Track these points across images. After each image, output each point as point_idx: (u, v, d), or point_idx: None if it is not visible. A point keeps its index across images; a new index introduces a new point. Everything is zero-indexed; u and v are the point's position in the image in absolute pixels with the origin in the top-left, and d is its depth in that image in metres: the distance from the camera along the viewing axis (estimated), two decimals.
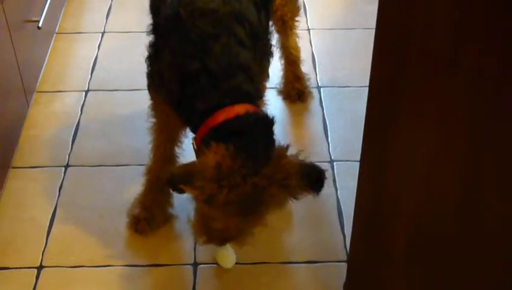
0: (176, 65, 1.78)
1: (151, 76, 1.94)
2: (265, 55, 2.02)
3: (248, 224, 1.70)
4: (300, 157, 1.70)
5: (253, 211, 1.66)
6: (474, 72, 1.23)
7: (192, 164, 1.68)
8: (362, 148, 1.59)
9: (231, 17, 1.79)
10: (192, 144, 1.79)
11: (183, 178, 1.63)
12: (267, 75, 2.17)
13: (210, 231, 1.72)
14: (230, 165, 1.59)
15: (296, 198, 1.68)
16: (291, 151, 1.70)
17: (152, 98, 2.00)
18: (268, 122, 1.74)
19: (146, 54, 1.96)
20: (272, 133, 1.73)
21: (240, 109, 1.69)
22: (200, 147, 1.69)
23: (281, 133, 2.48)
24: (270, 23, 2.18)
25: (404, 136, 1.45)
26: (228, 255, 2.01)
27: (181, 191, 1.66)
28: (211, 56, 1.73)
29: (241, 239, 1.75)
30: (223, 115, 1.69)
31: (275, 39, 2.44)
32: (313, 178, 1.68)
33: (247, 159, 1.60)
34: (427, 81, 1.33)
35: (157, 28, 1.94)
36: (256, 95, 1.80)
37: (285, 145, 1.70)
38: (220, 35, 1.75)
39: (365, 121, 1.53)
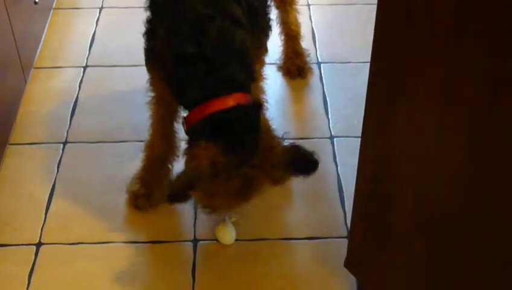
0: (171, 45, 1.79)
1: (148, 52, 1.93)
2: (263, 30, 2.02)
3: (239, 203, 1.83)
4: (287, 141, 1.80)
5: (246, 195, 1.77)
6: (481, 40, 1.21)
7: (186, 171, 1.74)
8: (363, 124, 1.57)
9: None
10: (182, 123, 1.82)
11: (187, 186, 1.71)
12: (266, 50, 2.16)
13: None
14: (223, 160, 1.66)
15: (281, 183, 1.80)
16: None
17: (149, 73, 1.99)
18: (256, 112, 1.79)
19: (143, 29, 1.94)
20: (258, 122, 1.77)
21: (232, 101, 1.73)
22: (190, 142, 1.76)
23: (281, 109, 2.48)
24: None
25: (407, 111, 1.43)
26: (228, 232, 2.01)
27: (184, 200, 1.79)
28: (207, 40, 1.74)
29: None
30: (214, 106, 1.73)
31: (274, 15, 2.42)
32: (299, 164, 1.77)
33: (236, 153, 1.68)
34: (431, 53, 1.31)
35: (153, 4, 1.93)
36: (248, 81, 1.81)
37: (279, 135, 1.79)
38: (215, 17, 1.75)
39: (367, 96, 1.52)
